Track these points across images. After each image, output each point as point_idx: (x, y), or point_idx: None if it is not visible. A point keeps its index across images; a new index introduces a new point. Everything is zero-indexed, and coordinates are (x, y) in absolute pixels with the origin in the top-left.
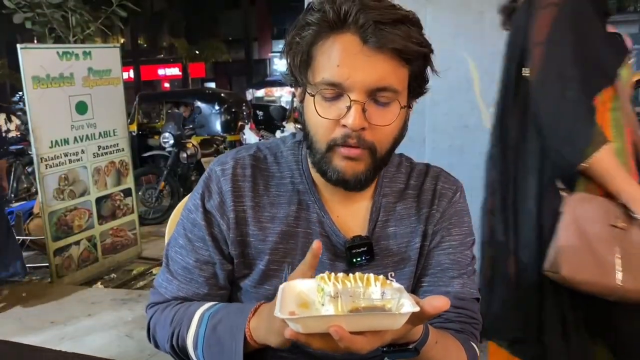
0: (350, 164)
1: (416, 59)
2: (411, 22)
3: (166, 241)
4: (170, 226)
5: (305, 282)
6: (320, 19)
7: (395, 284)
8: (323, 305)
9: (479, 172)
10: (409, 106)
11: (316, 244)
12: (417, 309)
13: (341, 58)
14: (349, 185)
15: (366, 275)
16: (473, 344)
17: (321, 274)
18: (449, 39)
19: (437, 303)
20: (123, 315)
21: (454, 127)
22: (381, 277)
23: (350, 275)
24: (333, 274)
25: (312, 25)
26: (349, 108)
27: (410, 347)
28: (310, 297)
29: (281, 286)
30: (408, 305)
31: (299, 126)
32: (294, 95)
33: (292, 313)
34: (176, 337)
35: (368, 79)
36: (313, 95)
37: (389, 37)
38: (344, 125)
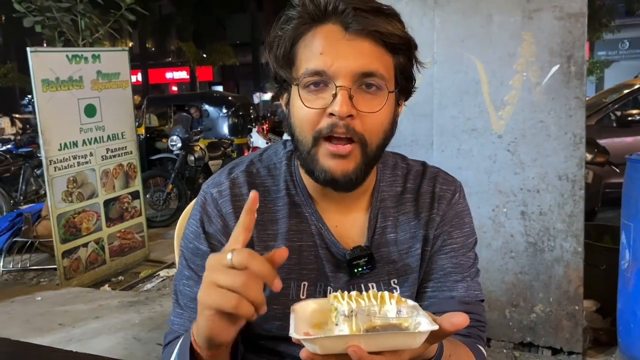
0: (340, 163)
1: (400, 49)
2: (391, 14)
3: (176, 249)
4: (179, 229)
5: (316, 302)
6: (301, 12)
7: (410, 302)
8: (337, 325)
9: (486, 176)
10: (398, 103)
11: (253, 194)
12: (435, 327)
13: (324, 46)
14: (339, 185)
15: (380, 293)
16: (480, 347)
17: (334, 293)
18: (457, 42)
19: (456, 320)
20: (130, 318)
21: (462, 130)
22: (396, 294)
23: (364, 293)
24: (346, 292)
25: (293, 19)
26: (334, 96)
27: None
28: (323, 317)
29: (293, 307)
30: (425, 323)
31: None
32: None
33: (306, 334)
34: None
35: (352, 64)
36: (297, 85)
37: (370, 21)
38: (331, 115)
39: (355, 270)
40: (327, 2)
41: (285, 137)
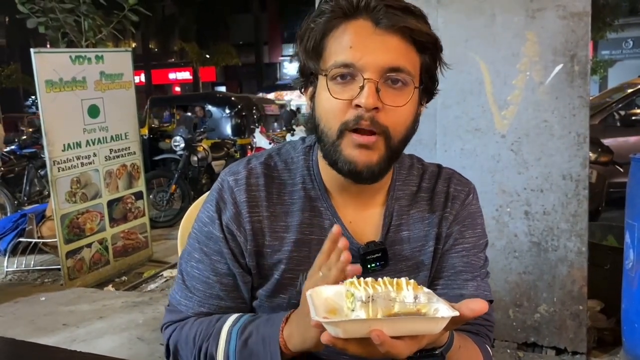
0: (363, 153)
1: (427, 48)
2: (420, 14)
3: (179, 249)
4: (182, 229)
5: (331, 288)
6: (333, 6)
7: (426, 289)
8: (353, 310)
9: (490, 176)
10: (420, 102)
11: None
12: (456, 313)
13: (353, 40)
14: (362, 176)
15: (395, 279)
16: (488, 347)
17: (349, 279)
18: (460, 42)
19: (475, 306)
20: (134, 318)
21: (466, 130)
22: (412, 281)
23: (380, 279)
24: (362, 278)
25: (325, 13)
26: (362, 88)
27: (437, 352)
28: (338, 303)
29: (308, 292)
30: (444, 309)
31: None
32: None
33: (325, 318)
34: (204, 355)
35: (381, 59)
36: (326, 76)
37: (400, 18)
38: (357, 106)
39: (369, 266)
40: None
41: (289, 137)
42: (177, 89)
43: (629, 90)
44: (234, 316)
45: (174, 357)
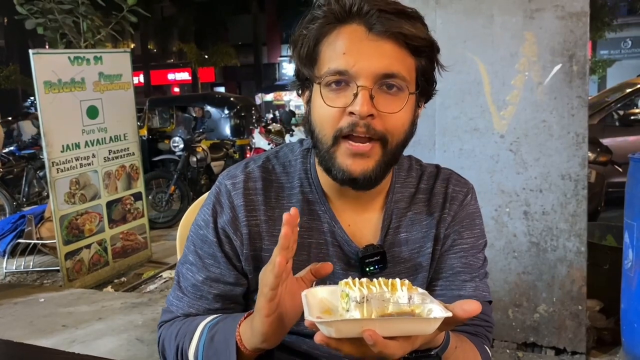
0: (358, 162)
1: (423, 52)
2: (416, 17)
3: (178, 250)
4: (181, 230)
5: (327, 288)
6: (326, 11)
7: (420, 290)
8: (347, 311)
9: (489, 176)
10: (418, 105)
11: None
12: (449, 314)
13: (347, 46)
14: (358, 184)
15: (390, 280)
16: (486, 347)
17: (345, 280)
18: (459, 43)
19: (469, 307)
20: (133, 319)
21: (464, 130)
22: (406, 281)
23: (375, 280)
24: (357, 279)
25: (318, 18)
26: (355, 95)
27: (432, 352)
28: (333, 304)
29: (303, 293)
30: (438, 310)
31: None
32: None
33: (319, 318)
34: (180, 352)
35: (375, 65)
36: (319, 84)
37: (394, 23)
38: (351, 114)
39: (367, 270)
40: (352, 3)
41: (288, 139)
42: (176, 89)
43: (628, 90)
44: (213, 315)
45: (162, 357)
